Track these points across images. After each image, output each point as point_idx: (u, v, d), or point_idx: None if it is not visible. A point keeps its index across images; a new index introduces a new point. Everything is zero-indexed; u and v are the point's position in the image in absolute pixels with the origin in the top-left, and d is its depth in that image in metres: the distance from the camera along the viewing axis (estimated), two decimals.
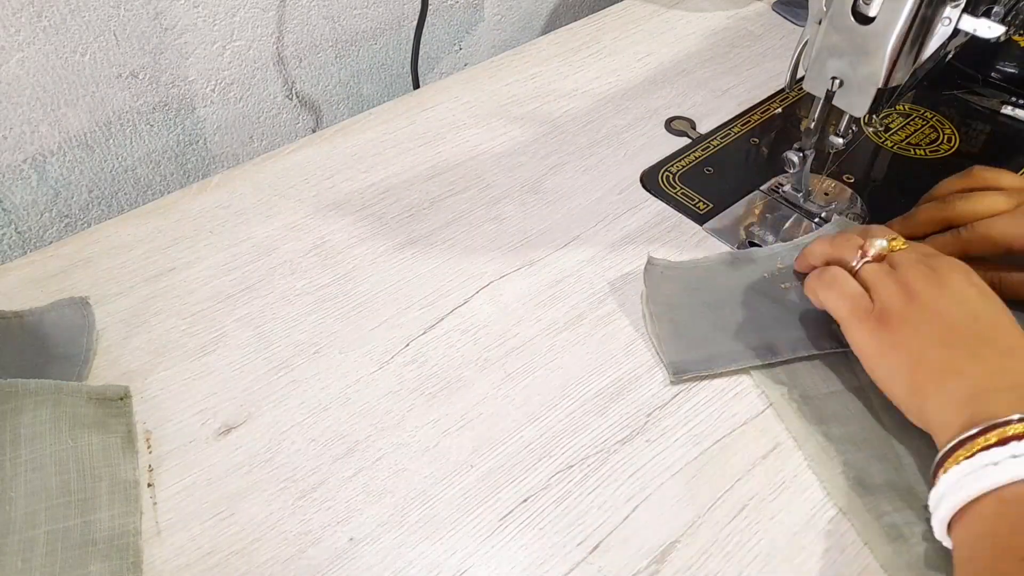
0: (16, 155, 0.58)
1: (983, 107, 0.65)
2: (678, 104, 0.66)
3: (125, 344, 0.46)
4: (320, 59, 0.73)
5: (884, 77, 0.45)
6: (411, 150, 0.61)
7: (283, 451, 0.41)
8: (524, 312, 0.49)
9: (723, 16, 0.77)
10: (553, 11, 0.93)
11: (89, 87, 0.59)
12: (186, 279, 0.50)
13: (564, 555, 0.38)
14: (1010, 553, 0.31)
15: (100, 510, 0.37)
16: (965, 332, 0.38)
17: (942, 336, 0.38)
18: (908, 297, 0.40)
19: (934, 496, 0.35)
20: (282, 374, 0.45)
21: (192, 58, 0.63)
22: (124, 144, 0.64)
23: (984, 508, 0.33)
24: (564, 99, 0.66)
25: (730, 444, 0.42)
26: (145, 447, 0.41)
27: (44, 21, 0.54)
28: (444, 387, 0.45)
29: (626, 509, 0.39)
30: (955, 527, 0.34)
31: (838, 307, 0.42)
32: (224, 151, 0.71)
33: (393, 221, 0.55)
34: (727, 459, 0.41)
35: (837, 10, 0.45)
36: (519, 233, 0.54)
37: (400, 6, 0.76)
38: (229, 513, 0.39)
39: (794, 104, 0.66)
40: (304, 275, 0.51)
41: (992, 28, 0.42)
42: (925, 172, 0.59)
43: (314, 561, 0.37)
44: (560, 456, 0.41)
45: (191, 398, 0.44)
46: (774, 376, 0.45)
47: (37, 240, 0.63)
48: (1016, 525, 0.31)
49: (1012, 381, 0.36)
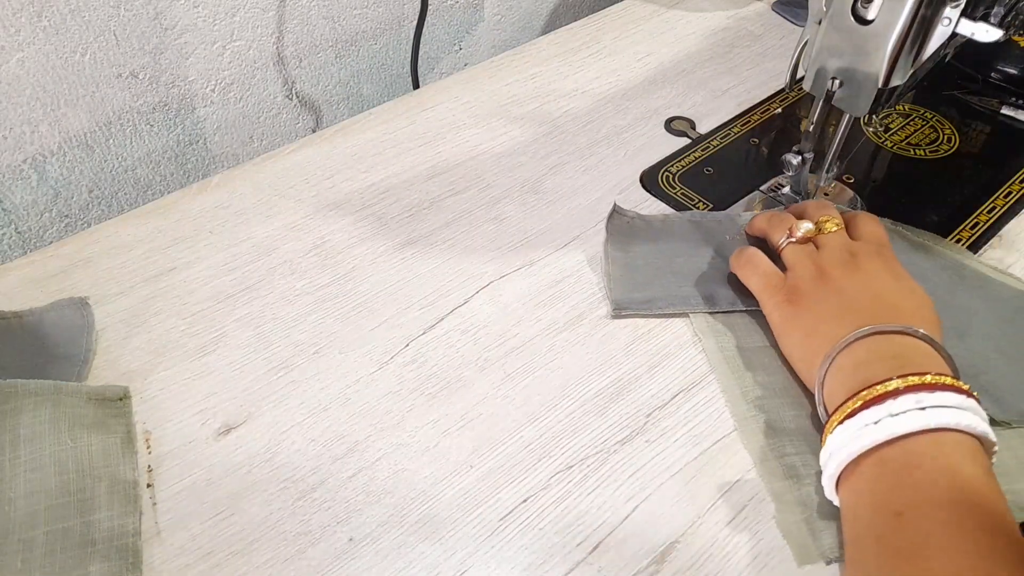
0: (16, 155, 0.58)
1: (983, 107, 0.65)
2: (678, 104, 0.66)
3: (125, 344, 0.46)
4: (320, 59, 0.73)
5: (884, 77, 0.45)
6: (411, 150, 0.61)
7: (283, 451, 0.41)
8: (524, 312, 0.49)
9: (723, 16, 0.77)
10: (553, 11, 0.93)
11: (89, 87, 0.59)
12: (186, 279, 0.50)
13: (564, 555, 0.38)
14: (886, 508, 0.32)
15: (99, 510, 0.37)
16: (861, 310, 0.40)
17: (838, 312, 0.41)
18: (818, 277, 0.43)
19: (823, 456, 0.37)
20: (282, 374, 0.45)
21: (192, 58, 0.63)
22: (124, 144, 0.64)
23: (865, 467, 0.34)
24: (564, 99, 0.66)
25: (730, 444, 0.42)
26: (145, 447, 0.41)
27: (44, 21, 0.54)
28: (444, 387, 0.45)
29: (626, 509, 0.39)
30: (841, 485, 0.36)
31: (751, 283, 0.46)
32: (224, 151, 0.71)
33: (393, 221, 0.55)
34: (727, 459, 0.41)
35: (837, 10, 0.45)
36: (519, 233, 0.54)
37: (400, 6, 0.76)
38: (229, 513, 0.39)
39: (794, 104, 0.66)
40: (304, 275, 0.51)
41: (990, 32, 0.42)
42: (925, 172, 0.59)
43: (314, 561, 0.37)
44: (560, 456, 0.41)
45: (191, 398, 0.44)
46: (712, 325, 0.47)
47: (37, 240, 0.63)
48: (892, 482, 0.33)
49: (894, 351, 0.38)
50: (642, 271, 0.50)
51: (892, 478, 0.33)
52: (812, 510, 0.38)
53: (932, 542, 0.30)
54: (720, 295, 0.49)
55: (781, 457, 0.40)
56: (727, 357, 0.46)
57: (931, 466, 0.33)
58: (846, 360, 0.39)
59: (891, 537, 0.32)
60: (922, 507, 0.32)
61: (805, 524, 0.38)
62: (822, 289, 0.43)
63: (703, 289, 0.49)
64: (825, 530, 0.37)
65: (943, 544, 0.30)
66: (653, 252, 0.52)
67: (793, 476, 0.39)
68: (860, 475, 0.35)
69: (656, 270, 0.50)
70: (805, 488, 0.39)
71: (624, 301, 0.49)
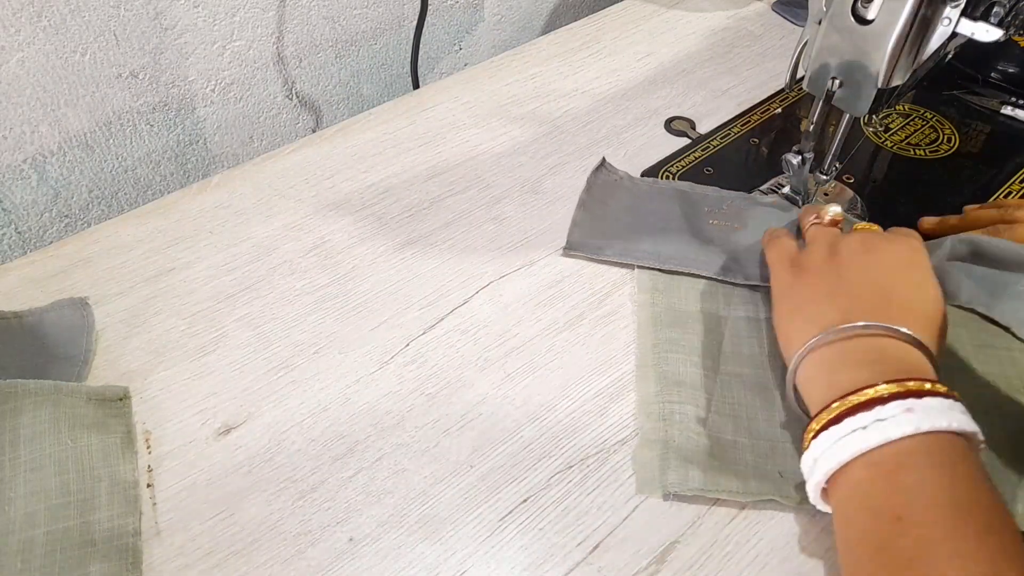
0: (16, 155, 0.58)
1: (983, 107, 0.65)
2: (678, 104, 0.66)
3: (125, 344, 0.46)
4: (320, 59, 0.73)
5: (884, 77, 0.45)
6: (411, 150, 0.61)
7: (283, 451, 0.41)
8: (524, 312, 0.49)
9: (723, 16, 0.77)
10: (553, 11, 0.93)
11: (89, 87, 0.59)
12: (186, 279, 0.50)
13: (564, 555, 0.38)
14: (885, 513, 0.32)
15: (99, 510, 0.37)
16: (856, 296, 0.39)
17: (832, 294, 0.40)
18: (829, 256, 0.42)
19: (807, 460, 0.36)
20: (282, 374, 0.45)
21: (192, 58, 0.63)
22: (124, 144, 0.64)
23: (856, 472, 0.34)
24: (564, 99, 0.66)
25: None
26: (145, 447, 0.41)
27: (44, 21, 0.54)
28: (444, 387, 0.45)
29: (626, 509, 0.39)
30: (832, 491, 0.35)
31: (769, 255, 0.47)
32: (224, 151, 0.71)
33: (393, 221, 0.55)
34: None
35: (837, 10, 0.45)
36: (519, 233, 0.54)
37: (400, 6, 0.76)
38: (229, 513, 0.39)
39: (794, 104, 0.66)
40: (304, 275, 0.51)
41: (990, 32, 0.42)
42: (925, 172, 0.59)
43: (314, 561, 0.37)
44: (560, 456, 0.41)
45: (191, 398, 0.44)
46: (654, 282, 0.49)
47: (37, 240, 0.63)
48: (887, 487, 0.32)
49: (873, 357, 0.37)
50: (609, 222, 0.53)
51: (885, 482, 0.32)
52: (670, 451, 0.40)
53: (936, 548, 0.30)
54: (670, 254, 0.50)
55: (663, 403, 0.42)
56: (654, 313, 0.47)
57: (926, 468, 0.32)
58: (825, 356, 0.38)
59: (892, 543, 0.31)
60: (922, 510, 0.31)
61: (658, 460, 0.40)
62: (826, 268, 0.42)
63: (659, 248, 0.51)
64: (674, 469, 0.39)
65: (948, 549, 0.29)
66: (628, 209, 0.54)
67: (666, 419, 0.42)
68: (852, 480, 0.34)
69: (623, 225, 0.53)
70: (672, 431, 0.41)
71: (577, 243, 0.52)
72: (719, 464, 0.40)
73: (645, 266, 0.50)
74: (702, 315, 0.47)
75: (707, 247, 0.51)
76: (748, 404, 0.43)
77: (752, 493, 0.39)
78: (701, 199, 0.55)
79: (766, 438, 0.41)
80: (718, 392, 0.43)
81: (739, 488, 0.39)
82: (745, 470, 0.40)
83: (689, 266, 0.49)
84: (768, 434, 0.41)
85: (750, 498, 0.39)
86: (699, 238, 0.51)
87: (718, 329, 0.47)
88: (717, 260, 0.50)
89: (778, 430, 0.41)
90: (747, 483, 0.39)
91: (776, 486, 0.39)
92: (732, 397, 0.43)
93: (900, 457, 0.33)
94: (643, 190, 0.56)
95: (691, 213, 0.53)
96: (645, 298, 0.48)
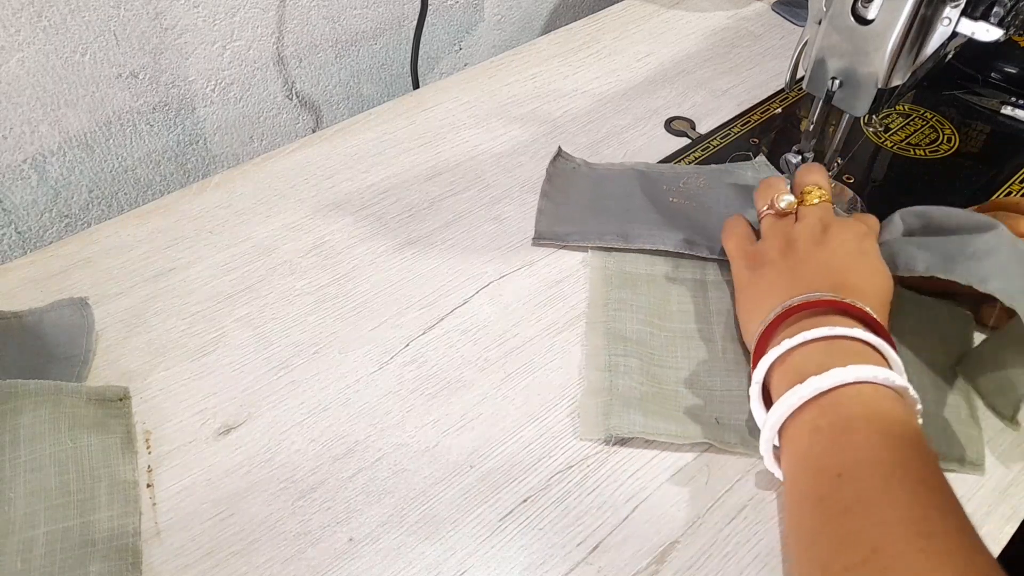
0: (16, 155, 0.58)
1: (983, 107, 0.65)
2: (678, 104, 0.66)
3: (125, 344, 0.46)
4: (320, 59, 0.73)
5: (884, 77, 0.45)
6: (411, 150, 0.61)
7: (283, 451, 0.41)
8: (524, 312, 0.49)
9: (723, 16, 0.78)
10: (553, 11, 0.93)
11: (89, 87, 0.59)
12: (186, 279, 0.50)
13: (564, 555, 0.38)
14: (828, 471, 0.34)
15: (99, 511, 0.37)
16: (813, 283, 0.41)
17: (790, 285, 0.42)
18: (784, 248, 0.44)
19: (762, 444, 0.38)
20: (282, 374, 0.45)
21: (192, 58, 0.63)
22: (124, 144, 0.64)
23: (802, 435, 0.36)
24: (564, 99, 0.66)
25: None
26: (144, 447, 0.41)
27: (44, 21, 0.54)
28: (444, 387, 0.45)
29: (626, 509, 0.39)
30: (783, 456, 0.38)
31: (727, 246, 0.49)
32: (224, 151, 0.71)
33: (393, 221, 0.55)
34: (727, 459, 0.41)
35: (837, 10, 0.45)
36: (519, 233, 0.54)
37: (400, 6, 0.76)
38: (229, 513, 0.39)
39: (794, 104, 0.66)
40: (304, 275, 0.51)
41: (991, 31, 0.42)
42: (925, 172, 0.59)
43: (314, 561, 0.37)
44: (560, 456, 0.41)
45: (191, 398, 0.44)
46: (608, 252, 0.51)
47: (37, 240, 0.63)
48: (832, 448, 0.35)
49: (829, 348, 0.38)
50: (572, 208, 0.54)
51: (829, 442, 0.35)
52: (614, 398, 0.42)
53: (873, 497, 0.32)
54: (632, 231, 0.52)
55: (610, 356, 0.45)
56: (606, 275, 0.50)
57: (867, 431, 0.34)
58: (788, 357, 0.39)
59: (833, 495, 0.33)
60: (861, 466, 0.33)
61: (602, 407, 0.42)
62: (783, 260, 0.44)
63: (623, 228, 0.52)
64: (616, 414, 0.42)
65: (884, 499, 0.32)
66: (588, 193, 0.56)
67: (611, 370, 0.44)
68: (799, 443, 0.36)
69: (584, 209, 0.54)
70: (617, 381, 0.43)
71: (545, 232, 0.53)
72: (660, 410, 0.42)
73: (611, 247, 0.51)
74: (652, 278, 0.50)
75: (668, 223, 0.52)
76: (691, 357, 0.45)
77: (689, 436, 0.41)
78: (659, 177, 0.57)
79: (706, 387, 0.44)
80: (663, 346, 0.46)
81: (677, 432, 0.41)
82: (684, 416, 0.42)
83: (655, 243, 0.51)
84: (708, 384, 0.44)
85: (686, 440, 0.41)
86: (661, 215, 0.53)
87: (667, 290, 0.49)
88: (678, 235, 0.51)
89: (718, 380, 0.44)
90: (685, 427, 0.41)
91: (712, 431, 0.41)
92: (676, 350, 0.46)
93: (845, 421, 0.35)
94: (601, 174, 0.57)
95: (651, 191, 0.55)
96: (598, 262, 0.51)
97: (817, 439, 0.35)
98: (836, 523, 0.32)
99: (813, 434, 0.36)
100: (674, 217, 0.53)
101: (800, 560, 0.34)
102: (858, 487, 0.33)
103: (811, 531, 0.34)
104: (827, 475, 0.34)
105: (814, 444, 0.35)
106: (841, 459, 0.34)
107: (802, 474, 0.35)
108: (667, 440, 0.41)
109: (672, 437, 0.41)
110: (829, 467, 0.34)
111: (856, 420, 0.35)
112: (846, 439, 0.34)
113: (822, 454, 0.35)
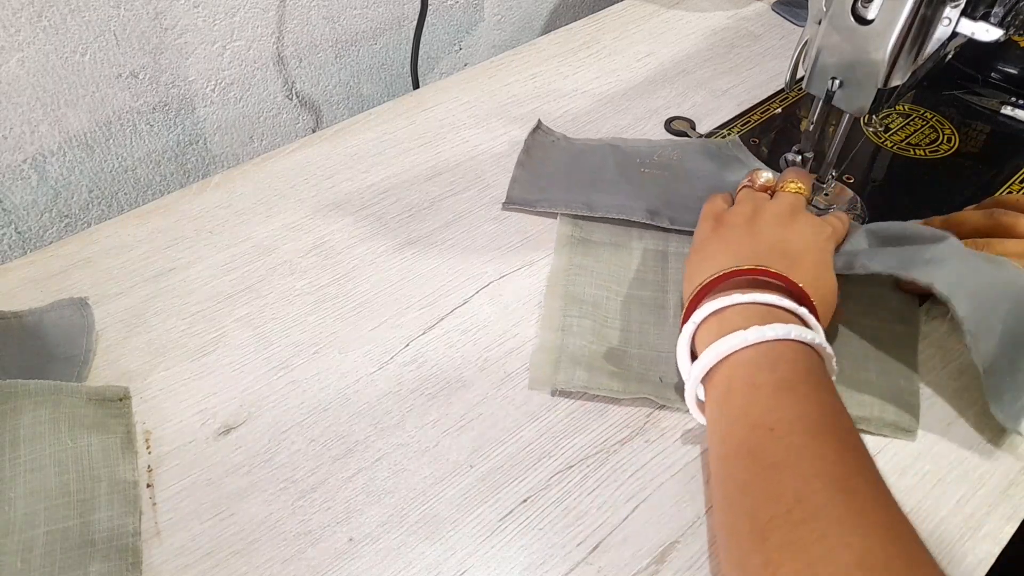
0: (16, 155, 0.58)
1: (983, 107, 0.65)
2: (678, 104, 0.66)
3: (125, 344, 0.46)
4: (320, 59, 0.73)
5: (884, 77, 0.45)
6: (411, 150, 0.61)
7: (283, 451, 0.41)
8: (524, 312, 0.49)
9: (723, 16, 0.78)
10: (553, 11, 0.93)
11: (89, 87, 0.59)
12: (186, 279, 0.50)
13: (564, 555, 0.38)
14: (761, 426, 0.36)
15: (99, 511, 0.37)
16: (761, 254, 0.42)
17: (738, 250, 0.43)
18: (751, 217, 0.46)
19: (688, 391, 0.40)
20: (282, 374, 0.45)
21: (192, 58, 0.63)
22: (124, 144, 0.64)
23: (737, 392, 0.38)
24: (564, 99, 0.66)
25: None
26: (144, 447, 0.41)
27: (44, 21, 0.54)
28: (444, 387, 0.45)
29: (626, 509, 0.39)
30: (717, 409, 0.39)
31: (703, 211, 0.50)
32: (224, 151, 0.71)
33: (393, 221, 0.55)
34: None
35: (837, 10, 0.45)
36: (519, 233, 0.54)
37: (400, 6, 0.76)
38: (229, 513, 0.39)
39: (794, 104, 0.66)
40: (304, 275, 0.51)
41: (990, 31, 0.42)
42: (925, 172, 0.59)
43: (314, 561, 0.37)
44: (560, 456, 0.41)
45: (191, 398, 0.44)
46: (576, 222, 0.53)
47: (37, 240, 0.63)
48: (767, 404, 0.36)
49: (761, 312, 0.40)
50: (546, 178, 0.56)
51: (766, 400, 0.37)
52: (563, 355, 0.45)
53: (801, 452, 0.34)
54: (599, 201, 0.53)
55: (565, 317, 0.47)
56: (572, 240, 0.52)
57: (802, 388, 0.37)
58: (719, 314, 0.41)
59: (764, 449, 0.35)
60: (792, 423, 0.35)
61: (552, 364, 0.44)
62: (745, 226, 0.45)
63: (592, 197, 0.54)
64: (563, 370, 0.44)
65: (811, 453, 0.34)
66: (564, 165, 0.57)
67: (564, 330, 0.46)
68: (735, 397, 0.38)
69: (555, 178, 0.56)
70: (568, 340, 0.45)
71: (515, 198, 0.55)
72: (606, 368, 0.44)
73: (578, 216, 0.53)
74: (616, 246, 0.52)
75: (635, 194, 0.54)
76: (643, 321, 0.47)
77: (632, 393, 0.43)
78: (633, 151, 0.58)
79: (654, 349, 0.46)
80: (617, 310, 0.48)
81: (620, 388, 0.43)
82: (629, 374, 0.44)
83: (619, 212, 0.53)
84: (656, 346, 0.46)
85: (628, 396, 0.43)
86: (630, 185, 0.54)
87: (629, 258, 0.51)
88: (642, 205, 0.53)
89: (665, 343, 0.46)
90: (628, 384, 0.43)
91: (655, 389, 0.43)
92: (629, 315, 0.48)
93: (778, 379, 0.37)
94: (578, 147, 0.59)
95: (624, 164, 0.57)
96: (566, 230, 0.53)
97: (756, 396, 0.37)
98: (765, 475, 0.34)
99: (752, 390, 0.37)
100: (643, 187, 0.55)
101: (729, 509, 0.35)
102: (788, 442, 0.35)
103: (742, 482, 0.35)
104: (761, 429, 0.36)
105: (752, 400, 0.37)
106: (776, 415, 0.36)
107: (736, 428, 0.37)
108: (609, 395, 0.43)
109: (615, 393, 0.43)
110: (763, 422, 0.36)
111: (789, 379, 0.37)
112: (782, 395, 0.36)
113: (757, 410, 0.36)
